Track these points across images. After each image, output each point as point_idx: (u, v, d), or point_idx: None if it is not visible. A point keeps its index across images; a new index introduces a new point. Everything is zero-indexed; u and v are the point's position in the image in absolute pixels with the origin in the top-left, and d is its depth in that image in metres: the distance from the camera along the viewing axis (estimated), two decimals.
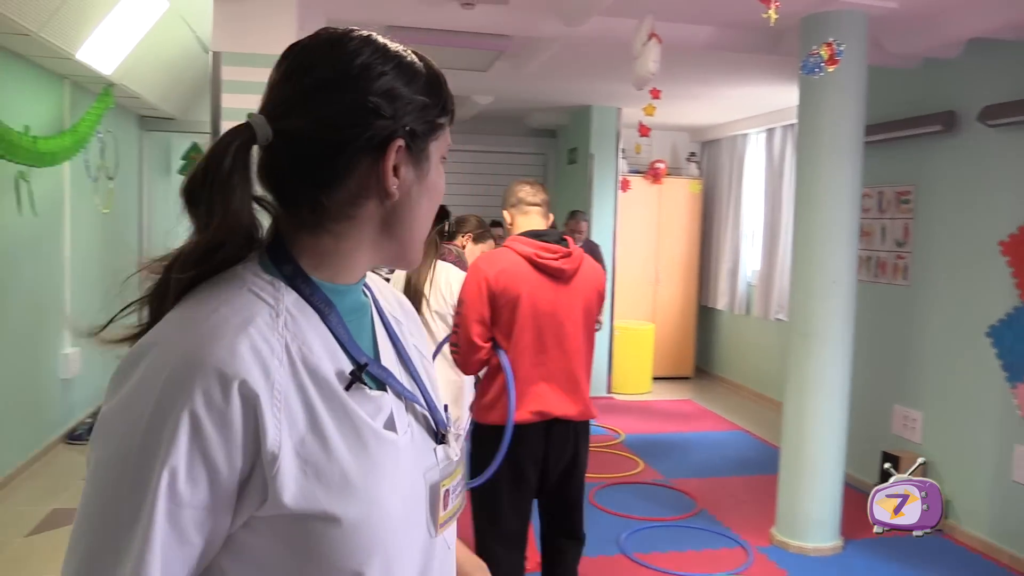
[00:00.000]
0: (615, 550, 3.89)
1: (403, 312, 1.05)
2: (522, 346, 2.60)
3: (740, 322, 7.87)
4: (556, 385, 2.63)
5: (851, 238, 3.91)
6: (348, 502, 0.80)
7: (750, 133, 7.59)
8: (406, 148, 0.86)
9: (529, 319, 2.60)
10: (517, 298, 2.59)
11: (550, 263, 2.61)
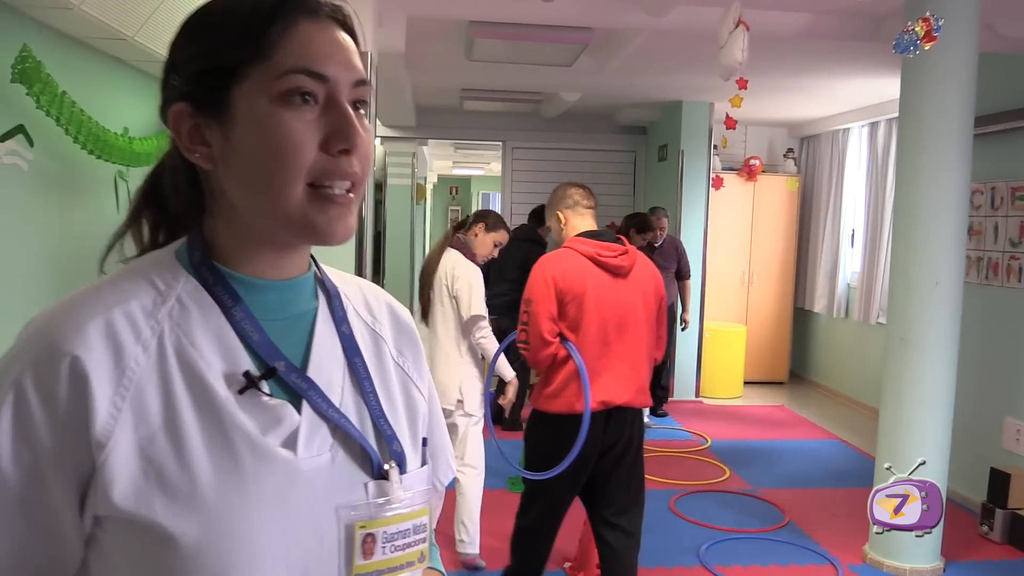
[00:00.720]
0: (695, 561, 3.73)
1: (394, 328, 0.93)
2: (589, 339, 2.73)
3: (838, 325, 7.51)
4: (619, 375, 2.76)
5: (957, 237, 3.63)
6: (191, 519, 0.69)
7: (852, 127, 7.22)
8: (195, 109, 0.76)
9: (594, 313, 2.73)
10: (583, 294, 2.72)
11: (610, 260, 2.76)
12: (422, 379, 0.94)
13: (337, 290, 0.88)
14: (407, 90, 6.33)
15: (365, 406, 0.83)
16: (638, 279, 2.81)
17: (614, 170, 8.04)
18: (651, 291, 2.84)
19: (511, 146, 7.93)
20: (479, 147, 10.73)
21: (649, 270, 2.88)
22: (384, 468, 0.81)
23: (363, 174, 0.78)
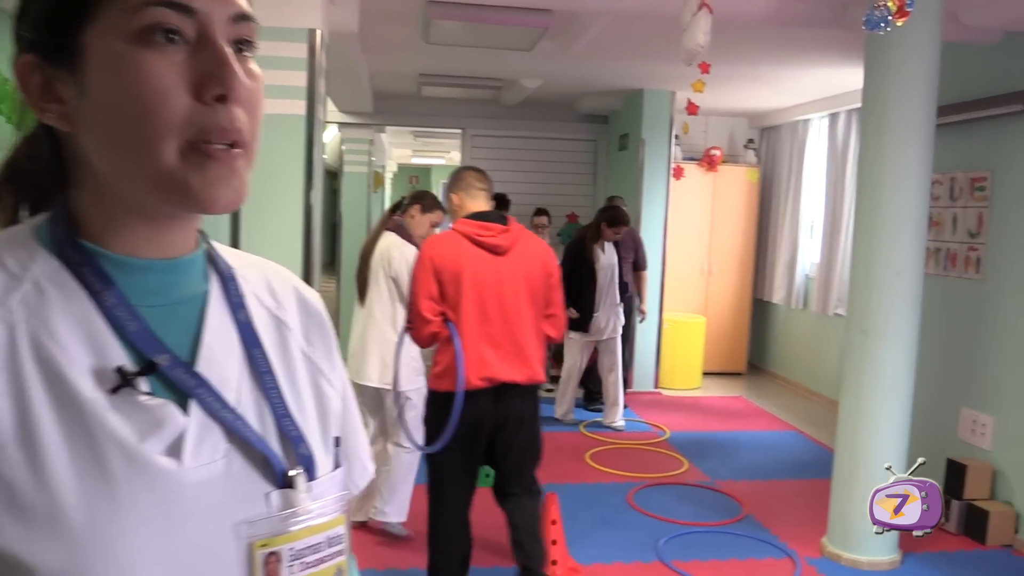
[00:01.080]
0: (652, 556, 3.66)
1: (302, 314, 0.81)
2: (468, 317, 2.82)
3: (797, 317, 7.52)
4: (502, 352, 2.84)
5: (918, 227, 3.60)
6: (52, 546, 0.57)
7: (812, 118, 7.22)
8: (43, 60, 0.65)
9: (472, 292, 2.82)
10: (459, 273, 2.81)
11: (488, 240, 2.85)
12: (334, 371, 0.82)
13: (232, 271, 0.76)
14: (363, 74, 6.16)
15: (267, 404, 0.71)
16: (520, 257, 2.88)
17: (574, 159, 7.95)
18: (535, 269, 2.91)
19: (470, 134, 7.80)
20: (438, 135, 10.57)
21: (535, 249, 2.95)
22: (289, 475, 0.69)
23: (250, 130, 0.66)
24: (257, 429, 0.69)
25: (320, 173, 3.36)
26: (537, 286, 2.92)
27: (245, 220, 3.15)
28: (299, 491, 0.69)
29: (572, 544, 3.67)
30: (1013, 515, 3.95)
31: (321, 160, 3.41)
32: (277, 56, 3.12)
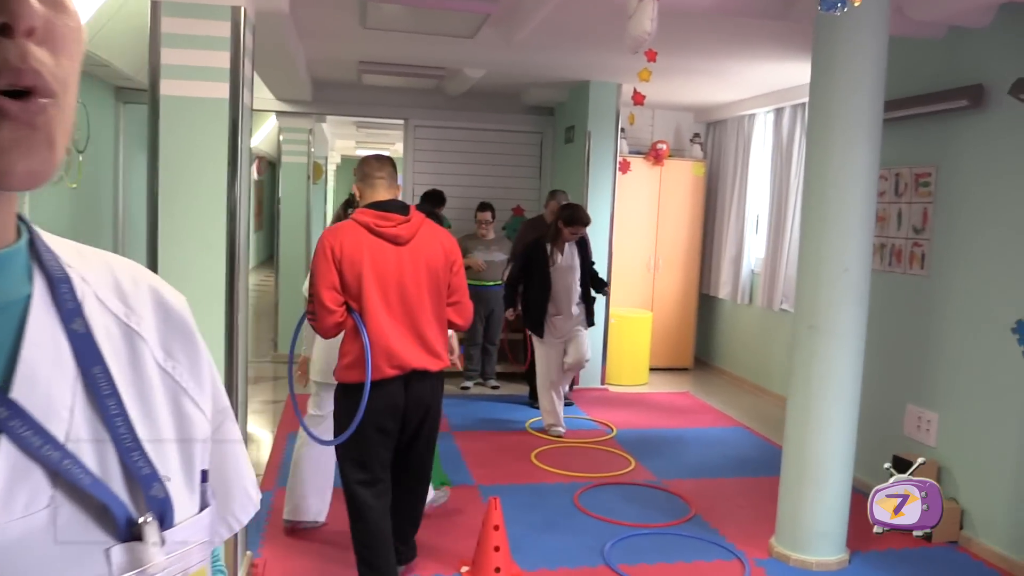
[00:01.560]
0: (598, 561, 3.55)
1: (160, 321, 0.66)
2: (372, 306, 2.85)
3: (742, 312, 7.50)
4: (407, 340, 2.89)
5: (865, 223, 3.55)
6: None
7: (757, 113, 7.20)
8: None
9: (373, 281, 2.85)
10: (360, 263, 2.84)
11: (387, 230, 2.88)
12: (202, 389, 0.68)
13: (66, 270, 0.60)
14: (300, 60, 5.92)
15: (109, 436, 0.57)
16: (421, 247, 2.93)
17: (520, 152, 7.81)
18: (436, 258, 2.95)
19: (413, 124, 7.60)
20: (381, 126, 10.33)
21: (436, 238, 2.99)
22: (137, 524, 0.56)
23: (57, 75, 0.50)
24: (94, 469, 0.55)
25: (247, 163, 3.15)
26: (439, 275, 2.97)
27: (163, 212, 2.93)
28: (149, 543, 0.56)
29: (516, 549, 3.54)
30: (958, 511, 3.94)
31: (248, 149, 3.20)
32: (198, 35, 2.91)
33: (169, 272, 2.93)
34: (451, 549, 3.58)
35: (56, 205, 5.76)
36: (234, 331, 2.99)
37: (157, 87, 2.91)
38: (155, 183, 2.92)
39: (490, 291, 6.64)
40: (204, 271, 2.95)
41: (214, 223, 2.95)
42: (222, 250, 2.96)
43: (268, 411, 6.07)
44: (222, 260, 2.96)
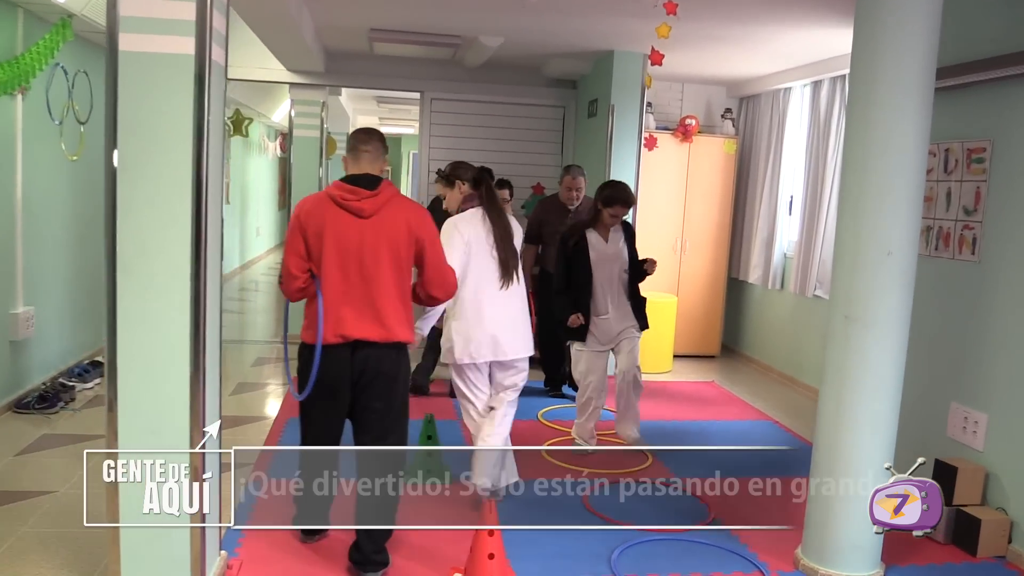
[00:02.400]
0: (605, 569, 3.24)
1: None
2: (329, 276, 3.00)
3: (773, 298, 7.11)
4: (359, 311, 2.99)
5: (912, 201, 3.17)
6: None
7: (794, 86, 6.76)
8: None
9: (334, 252, 2.98)
10: (322, 233, 2.98)
11: (352, 203, 2.98)
12: None
13: None
14: (306, 27, 5.62)
15: None
16: (385, 221, 3.00)
17: (541, 126, 7.45)
18: (400, 233, 3.01)
19: (430, 97, 7.27)
20: (403, 100, 10.03)
21: (403, 214, 3.04)
22: None
23: None
24: None
25: (218, 130, 2.85)
26: (401, 251, 3.03)
27: (122, 180, 2.64)
28: None
29: (515, 554, 3.22)
30: (1007, 523, 3.56)
31: (220, 113, 2.90)
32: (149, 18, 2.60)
33: (127, 245, 2.65)
34: (444, 552, 3.29)
35: (55, 178, 5.53)
36: (201, 312, 2.70)
37: (115, 41, 2.61)
38: (112, 148, 2.63)
39: None
40: (166, 245, 2.67)
41: (178, 194, 2.66)
42: (187, 223, 2.67)
43: (279, 393, 5.82)
44: (187, 233, 2.67)
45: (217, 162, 2.84)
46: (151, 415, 2.72)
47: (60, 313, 5.62)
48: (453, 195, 3.90)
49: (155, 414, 2.72)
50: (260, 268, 13.57)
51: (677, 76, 7.25)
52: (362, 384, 3.05)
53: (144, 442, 2.71)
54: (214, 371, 2.91)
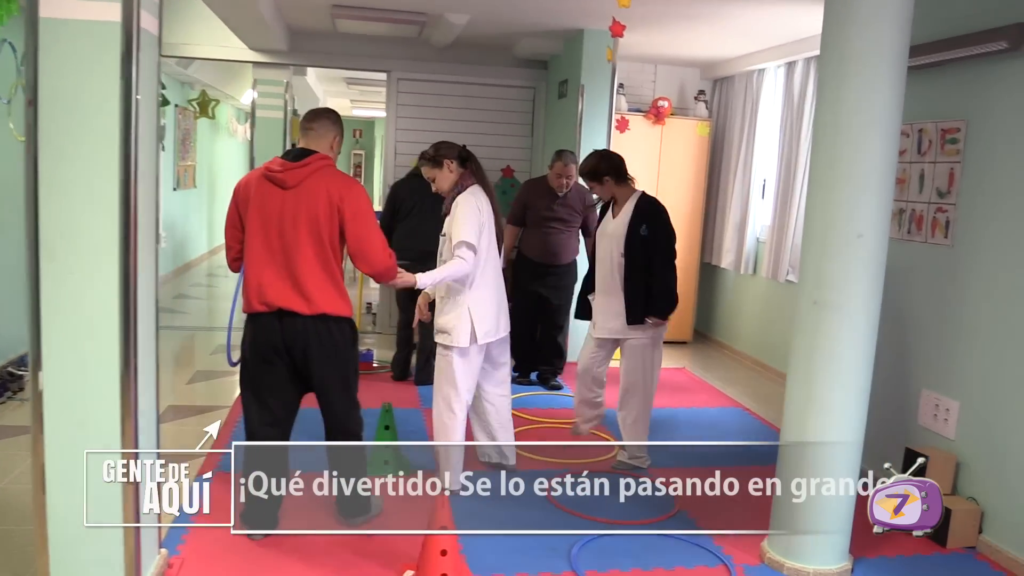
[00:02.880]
0: (564, 565, 3.12)
1: None
2: (251, 244, 3.12)
3: (746, 283, 7.01)
4: (280, 280, 3.08)
5: (883, 181, 3.05)
6: None
7: (767, 67, 6.63)
8: None
9: (256, 221, 3.10)
10: (247, 203, 3.12)
11: (276, 174, 3.08)
12: None
13: None
14: (265, 3, 5.41)
15: None
16: (305, 192, 3.06)
17: (511, 107, 7.28)
18: (319, 203, 3.05)
19: (396, 77, 7.08)
20: (373, 82, 9.82)
21: (325, 185, 3.07)
22: None
23: None
24: None
25: (151, 104, 2.67)
26: (319, 221, 3.06)
27: (44, 156, 2.47)
28: None
29: (471, 550, 3.12)
30: (978, 513, 3.48)
31: (153, 86, 2.72)
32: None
33: (50, 228, 2.48)
34: (396, 548, 3.15)
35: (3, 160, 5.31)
36: (130, 297, 2.53)
37: (35, 6, 2.42)
38: (35, 122, 2.45)
39: None
40: (91, 227, 2.49)
41: (104, 172, 2.48)
42: (114, 203, 2.49)
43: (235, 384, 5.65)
44: (114, 215, 2.50)
45: (150, 139, 2.66)
46: (78, 407, 2.56)
47: (9, 300, 5.40)
48: (444, 175, 3.74)
49: (82, 405, 2.56)
50: None
51: (650, 57, 7.11)
52: (298, 357, 3.14)
53: (71, 435, 2.55)
54: (148, 359, 2.75)
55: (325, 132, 3.17)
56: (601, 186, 4.16)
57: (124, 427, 2.59)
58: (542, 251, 5.47)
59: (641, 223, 4.06)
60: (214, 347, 6.72)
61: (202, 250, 11.94)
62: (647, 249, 4.05)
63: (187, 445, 4.35)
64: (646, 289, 4.06)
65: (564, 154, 5.42)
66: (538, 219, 5.41)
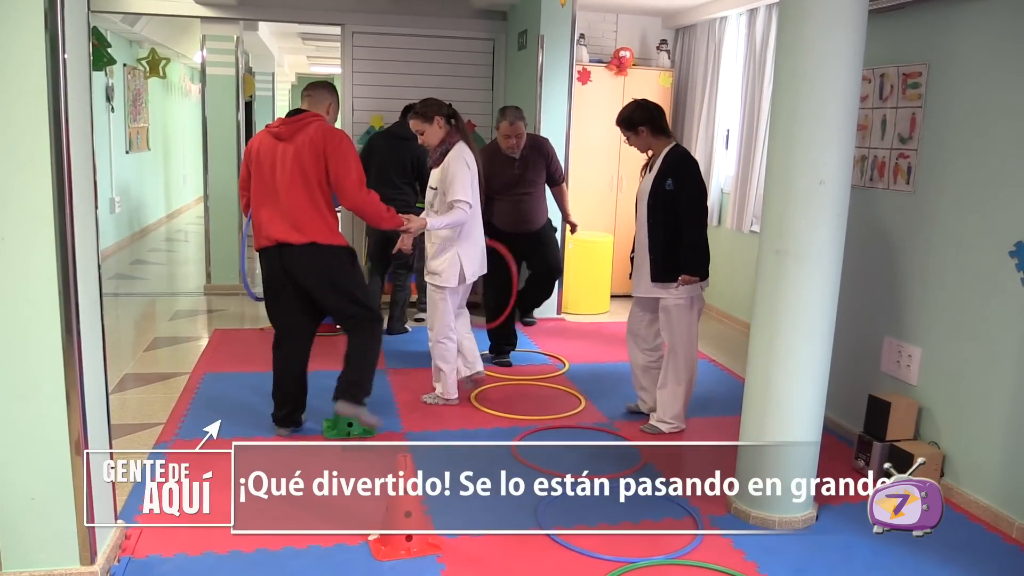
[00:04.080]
0: (532, 523, 3.11)
1: None
2: (255, 191, 3.73)
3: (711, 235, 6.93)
4: (280, 219, 3.65)
5: (845, 127, 3.01)
6: None
7: (730, 15, 6.54)
8: None
9: (257, 170, 3.72)
10: (252, 153, 3.74)
11: (274, 129, 3.71)
12: None
13: None
14: None
15: None
16: (296, 142, 3.63)
17: (470, 60, 7.10)
18: (307, 150, 3.61)
19: (351, 31, 6.86)
20: (328, 38, 9.55)
21: (310, 135, 3.62)
22: None
23: None
24: None
25: (82, 66, 2.52)
26: (308, 165, 3.62)
27: None
28: None
29: (437, 510, 3.07)
30: (939, 457, 3.52)
31: (83, 46, 2.56)
32: None
33: None
34: (359, 512, 3.09)
35: None
36: (69, 264, 2.42)
37: None
38: None
39: None
40: (21, 190, 2.36)
41: (33, 135, 2.35)
42: (46, 165, 2.36)
43: (198, 347, 5.53)
44: (47, 177, 2.37)
45: (82, 99, 2.52)
46: (20, 379, 2.45)
47: None
48: (433, 130, 4.11)
49: (24, 378, 2.45)
50: (188, 217, 13.01)
51: (611, 7, 6.98)
52: (299, 281, 3.72)
53: (15, 409, 2.45)
54: (93, 328, 2.64)
55: (321, 99, 3.76)
56: (636, 136, 3.99)
57: (70, 398, 2.49)
58: (514, 220, 5.04)
59: (667, 177, 3.88)
60: (173, 312, 6.58)
61: (160, 214, 11.66)
62: (671, 204, 3.87)
63: (149, 414, 4.27)
64: (669, 246, 3.89)
65: (507, 111, 4.93)
66: (501, 187, 4.95)
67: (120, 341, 5.73)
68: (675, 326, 3.99)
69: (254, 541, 2.96)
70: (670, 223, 3.87)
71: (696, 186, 3.93)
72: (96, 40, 7.03)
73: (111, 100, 8.97)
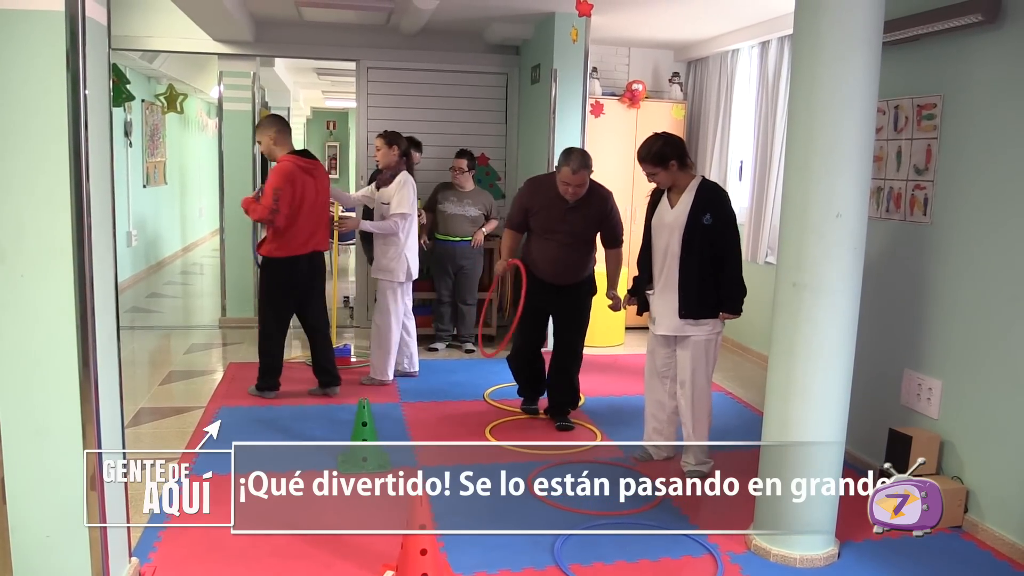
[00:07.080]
0: (548, 560, 3.06)
1: None
2: (303, 214, 4.73)
3: None
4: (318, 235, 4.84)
5: (861, 159, 2.99)
6: None
7: (741, 47, 6.57)
8: None
9: (301, 199, 4.70)
10: (293, 184, 4.68)
11: (308, 168, 4.77)
12: None
13: None
14: None
15: None
16: (320, 180, 4.83)
17: (484, 94, 7.16)
18: (324, 183, 4.87)
19: (366, 66, 6.94)
20: (344, 72, 9.66)
21: (321, 170, 4.88)
22: None
23: None
24: None
25: (102, 98, 2.56)
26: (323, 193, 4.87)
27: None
28: None
29: (452, 547, 3.05)
30: (963, 492, 3.45)
31: (104, 80, 2.60)
32: None
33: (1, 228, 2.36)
34: (374, 548, 3.07)
35: None
36: (87, 299, 2.43)
37: None
38: None
39: (456, 247, 6.15)
40: (42, 228, 2.38)
41: (53, 170, 2.37)
42: (66, 201, 2.38)
43: (213, 380, 5.53)
44: (66, 212, 2.39)
45: (102, 134, 2.56)
46: (36, 414, 2.45)
47: None
48: (390, 154, 5.19)
49: (41, 413, 2.45)
50: (204, 250, 13.11)
51: (622, 40, 7.03)
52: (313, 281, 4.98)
53: (31, 444, 2.45)
54: (110, 363, 2.64)
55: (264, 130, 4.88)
56: (665, 171, 3.87)
57: (86, 432, 2.49)
58: (552, 271, 4.50)
59: (704, 211, 3.78)
60: (189, 345, 6.59)
61: (175, 248, 11.74)
62: (709, 238, 3.78)
63: (165, 446, 4.25)
64: (703, 281, 3.79)
65: (572, 156, 4.35)
66: (544, 228, 4.44)
67: (136, 374, 5.74)
68: (702, 362, 3.89)
69: None
70: (705, 257, 3.79)
71: (734, 220, 3.87)
72: (115, 76, 7.15)
73: (129, 135, 9.08)
